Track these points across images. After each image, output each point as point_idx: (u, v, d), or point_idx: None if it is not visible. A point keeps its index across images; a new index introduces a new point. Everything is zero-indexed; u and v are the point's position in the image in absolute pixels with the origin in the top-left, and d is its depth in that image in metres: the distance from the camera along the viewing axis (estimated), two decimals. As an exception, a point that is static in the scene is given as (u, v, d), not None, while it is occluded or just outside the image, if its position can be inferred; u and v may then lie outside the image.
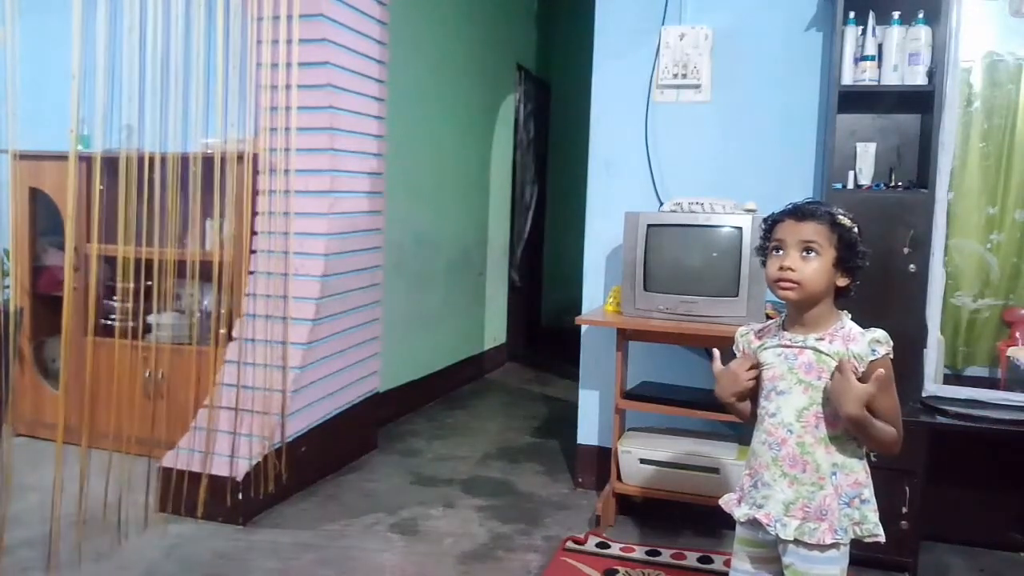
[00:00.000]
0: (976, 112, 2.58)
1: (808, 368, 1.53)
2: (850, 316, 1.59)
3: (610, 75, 3.09)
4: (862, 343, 1.50)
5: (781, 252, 1.52)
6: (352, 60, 3.11)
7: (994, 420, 2.39)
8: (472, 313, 5.15)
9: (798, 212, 1.53)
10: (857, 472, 1.55)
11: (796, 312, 1.57)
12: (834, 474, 1.52)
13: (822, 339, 1.53)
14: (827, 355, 1.52)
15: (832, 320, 1.55)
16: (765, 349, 1.60)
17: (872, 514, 1.55)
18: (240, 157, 2.83)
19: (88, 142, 3.03)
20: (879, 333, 1.52)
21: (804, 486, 1.52)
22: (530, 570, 2.45)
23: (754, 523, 1.57)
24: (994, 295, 2.63)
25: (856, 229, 1.55)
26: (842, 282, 1.54)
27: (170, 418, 3.02)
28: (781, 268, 1.50)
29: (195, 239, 3.06)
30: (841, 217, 1.53)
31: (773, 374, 1.57)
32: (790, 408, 1.53)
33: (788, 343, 1.56)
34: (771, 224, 1.56)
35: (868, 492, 1.56)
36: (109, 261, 2.97)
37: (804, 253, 1.50)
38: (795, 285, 1.50)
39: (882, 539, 1.55)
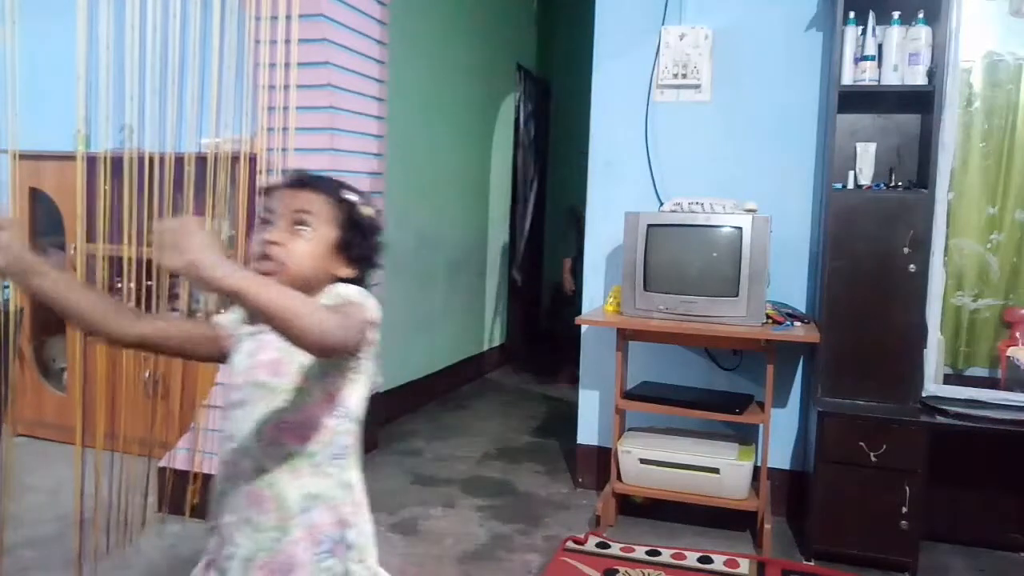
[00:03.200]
0: (976, 112, 2.59)
1: (272, 367, 1.16)
2: None
3: (610, 75, 3.09)
4: (326, 299, 1.17)
5: (271, 224, 1.19)
6: (352, 60, 3.11)
7: (994, 420, 2.39)
8: (472, 313, 5.15)
9: (295, 180, 1.23)
10: (341, 504, 1.17)
11: None
12: (307, 511, 1.12)
13: None
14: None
15: None
16: (241, 340, 1.22)
17: (361, 567, 1.18)
18: (238, 157, 2.83)
19: (89, 142, 3.02)
20: (341, 285, 1.19)
21: (264, 533, 1.11)
22: (530, 570, 2.45)
23: None
24: (994, 295, 2.63)
25: (370, 210, 1.25)
26: (344, 272, 1.22)
27: (169, 418, 3.02)
28: (266, 242, 1.17)
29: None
30: (348, 192, 1.24)
31: (233, 380, 1.20)
32: (249, 424, 1.14)
33: (257, 332, 1.20)
34: (266, 192, 1.24)
35: (358, 533, 1.18)
36: (110, 261, 2.97)
37: (296, 227, 1.18)
38: (277, 264, 1.16)
39: None
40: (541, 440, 3.82)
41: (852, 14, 2.54)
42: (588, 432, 3.21)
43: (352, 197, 1.23)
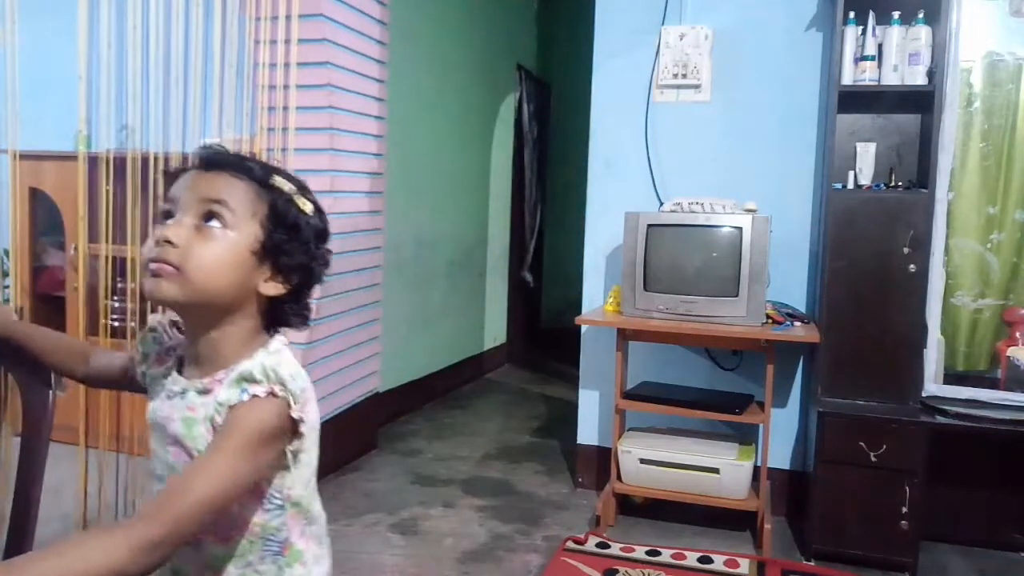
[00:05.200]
0: (976, 112, 2.58)
1: (178, 448, 0.93)
2: (286, 341, 0.98)
3: (610, 75, 3.09)
4: (230, 384, 0.89)
5: (171, 220, 0.90)
6: (352, 60, 3.11)
7: (994, 420, 2.39)
8: (472, 313, 5.15)
9: (208, 159, 0.93)
10: None
11: (190, 332, 0.96)
12: None
13: (208, 390, 0.92)
14: (196, 419, 0.92)
15: (244, 352, 0.92)
16: (156, 391, 0.99)
17: None
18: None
19: (89, 142, 3.03)
20: (257, 364, 0.89)
21: None
22: (530, 570, 2.45)
23: None
24: (994, 295, 2.63)
25: (309, 205, 0.95)
26: (272, 288, 0.93)
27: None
28: (159, 240, 0.88)
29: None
30: (281, 179, 0.94)
31: (151, 445, 0.98)
32: None
33: (175, 391, 0.95)
34: (172, 178, 0.95)
35: None
36: (111, 261, 2.97)
37: (204, 221, 0.89)
38: (173, 270, 0.87)
39: None
40: (541, 440, 3.82)
41: (852, 14, 2.54)
42: (588, 432, 3.21)
43: (285, 184, 0.93)
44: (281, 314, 0.97)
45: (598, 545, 2.60)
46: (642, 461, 2.73)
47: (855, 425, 2.44)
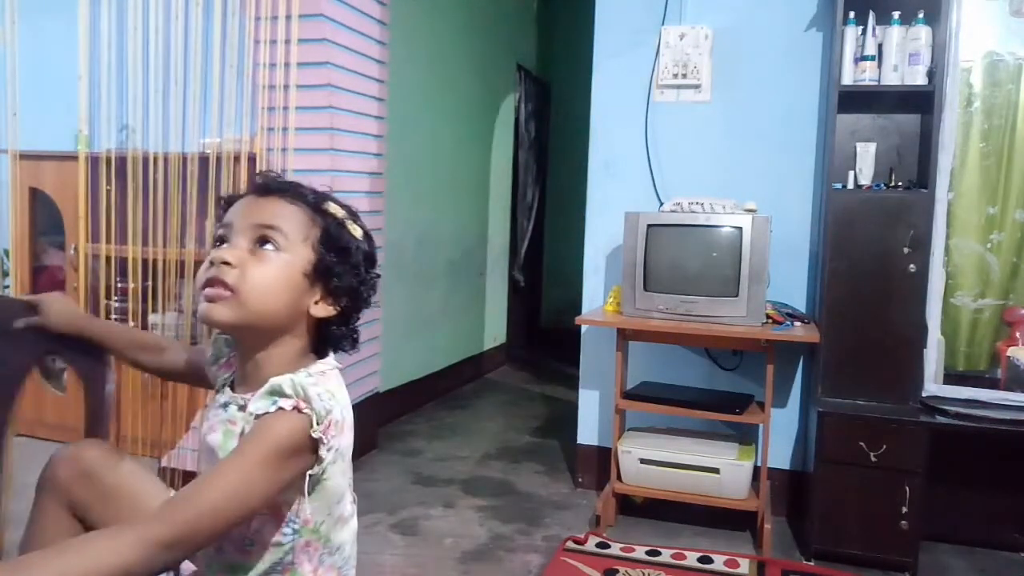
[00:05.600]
0: (976, 112, 2.58)
1: (211, 454, 0.98)
2: (336, 364, 1.02)
3: (610, 75, 3.09)
4: (262, 396, 0.91)
5: (226, 244, 0.95)
6: (352, 60, 3.11)
7: (994, 420, 2.39)
8: (472, 313, 5.15)
9: (262, 186, 0.98)
10: None
11: (241, 353, 1.00)
12: None
13: (246, 406, 0.95)
14: (235, 433, 0.97)
15: (288, 372, 0.95)
16: (212, 402, 1.05)
17: None
18: (238, 158, 2.83)
19: (89, 142, 3.03)
20: (287, 379, 0.91)
21: None
22: (530, 570, 2.45)
23: None
24: (994, 295, 2.63)
25: (359, 231, 1.00)
26: (322, 310, 0.98)
27: (173, 418, 3.02)
28: (215, 261, 0.92)
29: (194, 239, 3.06)
30: (332, 204, 0.99)
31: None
32: None
33: (219, 402, 1.02)
34: (226, 205, 0.99)
35: None
36: (110, 261, 2.97)
37: (258, 245, 0.93)
38: (228, 293, 0.91)
39: None
40: (541, 440, 3.82)
41: (852, 14, 2.54)
42: (588, 432, 3.21)
43: (337, 210, 0.98)
44: (330, 336, 1.01)
45: (598, 545, 2.60)
46: (642, 461, 2.73)
47: (855, 425, 2.44)
